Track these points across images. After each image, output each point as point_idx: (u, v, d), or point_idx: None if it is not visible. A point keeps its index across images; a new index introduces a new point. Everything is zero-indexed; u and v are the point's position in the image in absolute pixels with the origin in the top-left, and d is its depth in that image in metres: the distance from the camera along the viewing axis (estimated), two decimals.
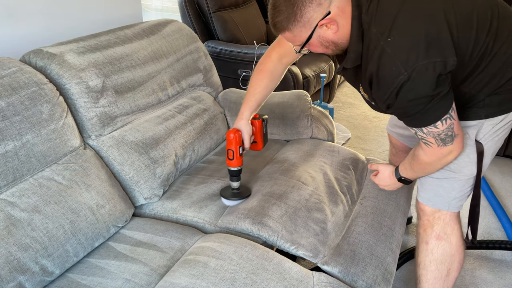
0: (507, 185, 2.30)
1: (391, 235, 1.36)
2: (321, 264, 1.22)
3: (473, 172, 1.18)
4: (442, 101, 0.98)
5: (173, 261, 1.18)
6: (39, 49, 1.35)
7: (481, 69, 1.04)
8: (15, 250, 1.03)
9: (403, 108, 1.01)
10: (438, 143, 1.05)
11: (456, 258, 1.27)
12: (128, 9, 2.00)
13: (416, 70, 0.92)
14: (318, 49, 1.07)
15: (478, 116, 1.12)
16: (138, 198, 1.43)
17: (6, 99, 1.13)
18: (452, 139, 1.04)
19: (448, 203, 1.24)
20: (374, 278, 1.20)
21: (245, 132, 1.38)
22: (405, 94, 0.96)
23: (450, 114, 1.00)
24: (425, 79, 0.93)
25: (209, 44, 2.81)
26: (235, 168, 1.38)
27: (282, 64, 1.38)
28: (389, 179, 1.33)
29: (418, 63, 0.91)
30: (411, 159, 1.19)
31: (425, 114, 0.99)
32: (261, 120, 1.43)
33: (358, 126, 3.02)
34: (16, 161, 1.12)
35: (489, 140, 1.15)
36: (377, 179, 1.38)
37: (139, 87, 1.54)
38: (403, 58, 0.92)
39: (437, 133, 1.03)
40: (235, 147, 1.35)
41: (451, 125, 1.02)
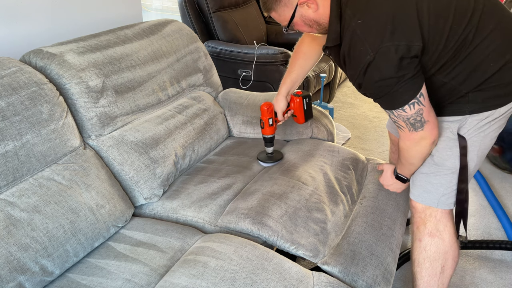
0: (507, 185, 2.30)
1: (391, 235, 1.36)
2: (321, 264, 1.22)
3: (456, 165, 1.19)
4: (408, 85, 1.02)
5: (173, 261, 1.18)
6: (39, 49, 1.35)
7: (459, 60, 1.06)
8: (15, 250, 1.03)
9: (371, 88, 1.06)
10: (408, 127, 1.10)
11: (450, 255, 1.28)
12: (128, 9, 2.00)
13: (380, 51, 0.98)
14: (304, 28, 1.16)
15: (462, 111, 1.14)
16: (138, 198, 1.43)
17: (6, 99, 1.13)
18: (422, 125, 1.08)
19: (437, 200, 1.24)
20: (374, 278, 1.20)
21: (277, 106, 1.57)
22: (371, 74, 1.02)
23: (418, 99, 1.04)
24: (388, 60, 0.98)
25: (209, 44, 2.81)
26: (266, 135, 1.59)
27: (315, 44, 1.45)
28: (391, 178, 1.37)
29: (382, 44, 0.97)
30: (399, 152, 1.24)
31: (392, 96, 1.04)
32: (301, 98, 1.59)
33: (358, 126, 3.02)
34: (16, 161, 1.12)
35: (473, 136, 1.16)
36: (381, 178, 1.42)
37: (139, 87, 1.54)
38: (370, 39, 0.99)
39: (406, 117, 1.07)
40: (265, 117, 1.56)
41: (420, 111, 1.05)
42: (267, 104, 1.55)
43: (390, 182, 1.38)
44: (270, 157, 1.64)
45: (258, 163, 1.64)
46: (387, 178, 1.39)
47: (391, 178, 1.37)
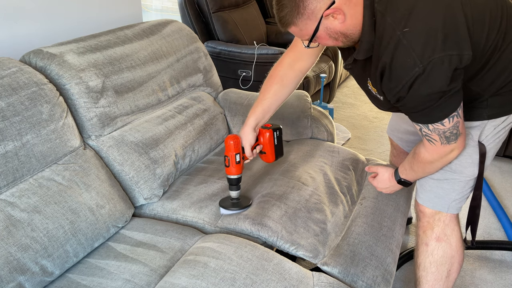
0: (507, 185, 2.30)
1: (391, 235, 1.36)
2: (321, 264, 1.22)
3: (475, 173, 1.17)
4: (452, 98, 0.96)
5: (173, 261, 1.18)
6: (39, 49, 1.35)
7: (489, 66, 1.03)
8: (15, 251, 1.03)
9: (414, 102, 0.98)
10: (442, 141, 1.03)
11: (456, 259, 1.27)
12: (128, 9, 2.00)
13: (431, 63, 0.89)
14: (328, 42, 1.03)
15: (481, 116, 1.11)
16: (138, 199, 1.43)
17: (6, 99, 1.13)
18: (456, 138, 1.03)
19: (448, 205, 1.23)
20: (374, 279, 1.20)
21: (244, 139, 1.32)
22: (418, 87, 0.93)
23: (458, 112, 0.98)
24: (440, 72, 0.90)
25: (209, 44, 2.81)
26: (231, 176, 1.33)
27: (294, 70, 1.32)
28: (389, 181, 1.31)
29: (434, 55, 0.89)
30: (412, 159, 1.17)
31: (434, 110, 0.97)
32: (271, 131, 1.36)
33: (358, 126, 3.02)
34: (16, 162, 1.12)
35: (491, 142, 1.15)
36: (376, 181, 1.35)
37: (139, 88, 1.54)
38: (419, 49, 0.89)
39: (443, 131, 1.01)
40: (231, 153, 1.30)
41: (457, 123, 1.00)
42: (233, 137, 1.30)
43: (387, 185, 1.32)
44: (236, 203, 1.36)
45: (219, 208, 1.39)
46: (383, 181, 1.32)
47: (389, 181, 1.31)
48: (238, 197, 1.37)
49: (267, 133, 1.35)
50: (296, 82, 1.35)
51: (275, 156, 1.40)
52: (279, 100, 1.35)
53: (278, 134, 1.38)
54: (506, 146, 2.45)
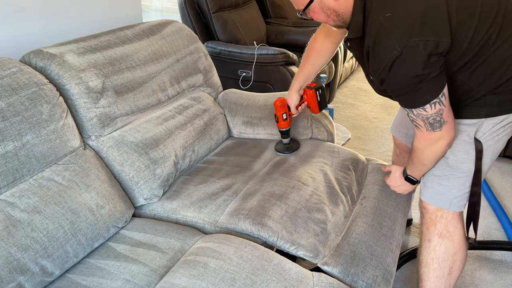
0: (507, 186, 2.30)
1: (391, 235, 1.36)
2: (321, 264, 1.22)
3: (471, 169, 1.19)
4: (432, 84, 1.00)
5: (173, 261, 1.18)
6: (39, 50, 1.35)
7: (481, 61, 1.04)
8: (15, 251, 1.03)
9: (394, 84, 1.03)
10: (426, 127, 1.08)
11: (458, 256, 1.27)
12: (128, 10, 2.00)
13: (407, 46, 0.94)
14: (320, 16, 1.11)
15: (478, 115, 1.13)
16: (138, 199, 1.43)
17: (6, 100, 1.13)
18: (440, 125, 1.07)
19: (449, 202, 1.24)
20: (374, 279, 1.20)
21: (289, 100, 1.61)
22: (396, 69, 0.99)
23: (440, 99, 1.02)
24: (416, 56, 0.95)
25: (209, 45, 2.81)
26: (282, 129, 1.68)
27: (329, 41, 1.46)
28: (400, 179, 1.35)
29: (410, 39, 0.94)
30: (412, 151, 1.22)
31: (414, 94, 1.02)
32: (313, 90, 1.62)
33: (358, 126, 3.02)
34: (16, 162, 1.12)
35: (488, 139, 1.16)
36: (389, 180, 1.41)
37: (139, 88, 1.54)
38: (398, 34, 0.95)
39: (426, 117, 1.05)
40: (279, 112, 1.63)
41: (440, 111, 1.04)
42: (280, 100, 1.62)
43: (398, 183, 1.36)
44: (288, 147, 1.73)
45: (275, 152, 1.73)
46: (395, 179, 1.37)
47: (400, 179, 1.35)
48: (289, 142, 1.74)
49: (310, 92, 1.62)
50: (330, 52, 1.51)
51: (319, 108, 1.66)
52: (317, 68, 1.55)
53: (320, 92, 1.63)
54: (506, 146, 2.45)
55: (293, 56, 2.67)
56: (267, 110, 1.86)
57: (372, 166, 1.70)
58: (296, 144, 1.76)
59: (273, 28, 3.30)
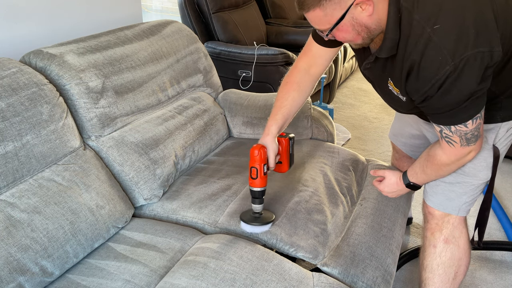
0: (507, 186, 2.30)
1: (391, 236, 1.36)
2: (321, 265, 1.22)
3: (488, 176, 1.17)
4: (479, 99, 0.92)
5: (173, 262, 1.18)
6: (39, 50, 1.35)
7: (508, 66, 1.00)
8: (15, 251, 1.03)
9: (441, 102, 0.93)
10: (462, 142, 1.00)
11: (463, 261, 1.27)
12: (128, 10, 2.00)
13: (463, 60, 0.86)
14: (348, 36, 0.97)
15: (494, 119, 1.09)
16: (138, 199, 1.43)
17: (6, 100, 1.13)
18: (476, 140, 1.00)
19: (458, 208, 1.23)
20: (374, 279, 1.20)
21: (270, 149, 1.23)
22: (448, 86, 0.89)
23: (481, 113, 0.96)
24: (472, 71, 0.87)
25: (209, 45, 2.82)
26: (258, 188, 1.23)
27: (310, 75, 1.27)
28: (397, 185, 1.27)
29: (466, 53, 0.85)
30: (425, 162, 1.14)
31: (460, 111, 0.94)
32: (287, 139, 1.30)
33: (358, 126, 3.02)
34: (16, 162, 1.12)
35: (504, 145, 1.15)
36: (382, 185, 1.32)
37: (139, 88, 1.54)
38: (451, 47, 0.86)
39: (465, 133, 0.98)
40: (259, 165, 1.21)
41: (479, 125, 0.98)
42: (259, 147, 1.21)
43: (395, 189, 1.28)
44: (258, 218, 1.28)
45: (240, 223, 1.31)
46: (390, 185, 1.28)
47: (397, 185, 1.27)
48: (261, 211, 1.28)
49: (284, 141, 1.29)
50: (311, 86, 1.31)
51: (289, 164, 1.34)
52: (297, 106, 1.30)
53: (292, 142, 1.32)
54: None
55: (293, 57, 2.67)
56: (267, 111, 1.87)
57: (372, 167, 1.70)
58: (269, 214, 1.31)
59: (273, 28, 3.30)
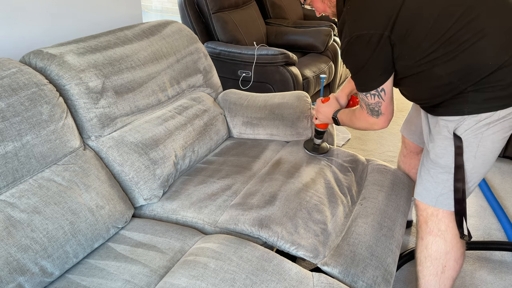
0: (507, 186, 2.30)
1: (391, 235, 1.36)
2: (321, 264, 1.22)
3: (449, 164, 1.20)
4: (370, 77, 1.16)
5: (173, 262, 1.18)
6: (39, 50, 1.35)
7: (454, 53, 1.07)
8: (15, 251, 1.03)
9: (347, 64, 1.20)
10: (367, 110, 1.27)
11: (451, 255, 1.27)
12: (128, 10, 2.00)
13: (354, 37, 1.10)
14: (318, 4, 1.28)
15: (461, 112, 1.15)
16: (138, 199, 1.43)
17: (6, 100, 1.13)
18: (378, 115, 1.25)
19: (435, 199, 1.25)
20: (374, 279, 1.20)
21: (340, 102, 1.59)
22: (346, 53, 1.16)
23: (379, 93, 1.18)
24: (360, 45, 1.11)
25: (209, 45, 2.82)
26: (321, 129, 1.66)
27: None
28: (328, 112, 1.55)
29: (355, 32, 1.09)
30: (353, 109, 1.42)
31: (358, 79, 1.21)
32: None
33: None
34: (16, 162, 1.12)
35: (470, 136, 1.16)
36: (321, 104, 1.58)
37: (139, 88, 1.54)
38: (350, 24, 1.12)
39: (367, 103, 1.24)
40: None
41: (379, 103, 1.21)
42: (327, 99, 1.60)
43: (326, 112, 1.55)
44: (317, 148, 1.70)
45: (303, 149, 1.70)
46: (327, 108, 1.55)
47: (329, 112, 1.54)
48: (320, 144, 1.72)
49: (358, 99, 1.56)
50: None
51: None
52: None
53: None
54: (506, 147, 2.45)
55: (293, 57, 2.67)
56: (267, 111, 1.87)
57: (372, 167, 1.70)
58: (325, 147, 1.72)
59: (273, 29, 3.30)
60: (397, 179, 1.62)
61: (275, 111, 1.86)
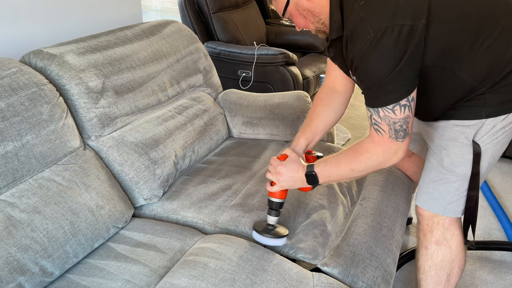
0: (507, 186, 2.30)
1: (391, 236, 1.36)
2: (321, 265, 1.22)
3: (466, 173, 1.15)
4: (403, 81, 0.95)
5: (173, 262, 1.18)
6: (39, 50, 1.35)
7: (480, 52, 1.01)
8: (15, 251, 1.03)
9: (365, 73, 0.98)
10: (390, 133, 0.99)
11: (456, 263, 1.26)
12: (128, 10, 2.00)
13: (381, 31, 0.90)
14: (299, 20, 1.10)
15: (478, 115, 1.09)
16: (138, 199, 1.43)
17: (6, 100, 1.13)
18: (404, 135, 1.00)
19: (444, 207, 1.21)
20: (374, 279, 1.20)
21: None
22: (368, 54, 0.94)
23: (410, 103, 0.97)
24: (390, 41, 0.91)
25: (209, 45, 2.82)
26: (278, 200, 1.20)
27: (335, 91, 1.29)
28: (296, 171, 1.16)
29: (383, 24, 0.90)
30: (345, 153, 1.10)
31: (382, 90, 0.96)
32: (315, 157, 1.25)
33: (357, 126, 3.02)
34: (16, 162, 1.12)
35: (487, 142, 1.12)
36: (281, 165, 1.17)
37: (139, 88, 1.54)
38: (371, 19, 0.92)
39: (393, 121, 0.98)
40: None
41: (408, 117, 0.98)
42: (283, 157, 1.19)
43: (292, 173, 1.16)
44: (272, 230, 1.22)
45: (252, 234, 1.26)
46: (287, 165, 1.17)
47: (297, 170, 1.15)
48: (274, 224, 1.23)
49: (311, 158, 1.26)
50: (340, 102, 1.29)
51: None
52: (325, 121, 1.28)
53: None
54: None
55: (293, 57, 2.67)
56: (267, 111, 1.87)
57: None
58: (283, 229, 1.24)
59: (273, 29, 3.30)
60: (397, 179, 1.62)
61: (275, 111, 1.86)
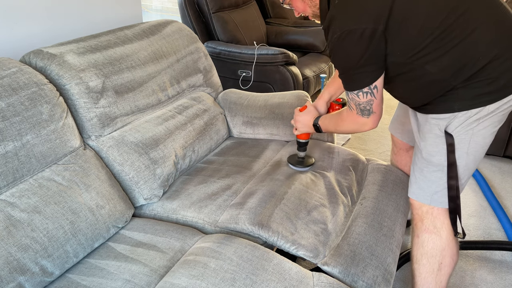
0: (507, 186, 2.30)
1: (391, 235, 1.36)
2: (321, 264, 1.22)
3: (442, 162, 1.20)
4: (364, 73, 1.11)
5: (173, 261, 1.18)
6: (39, 50, 1.35)
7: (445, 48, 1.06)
8: (15, 251, 1.03)
9: (334, 62, 1.17)
10: (357, 111, 1.22)
11: (447, 252, 1.28)
12: (128, 10, 2.00)
13: (345, 32, 1.05)
14: (298, 4, 1.24)
15: (451, 109, 1.14)
16: (138, 199, 1.43)
17: (6, 100, 1.13)
18: (369, 114, 1.21)
19: (430, 197, 1.25)
20: (374, 279, 1.20)
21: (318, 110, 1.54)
22: (337, 49, 1.11)
23: (372, 91, 1.14)
24: (352, 41, 1.06)
25: (209, 45, 2.82)
26: (303, 140, 1.57)
27: None
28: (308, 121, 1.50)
29: (347, 27, 1.05)
30: (336, 114, 1.38)
31: (348, 78, 1.16)
32: (340, 105, 1.56)
33: None
34: (16, 162, 1.12)
35: (461, 133, 1.16)
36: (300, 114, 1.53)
37: (139, 88, 1.54)
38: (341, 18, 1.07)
39: (358, 103, 1.19)
40: None
41: (371, 101, 1.17)
42: (303, 108, 1.53)
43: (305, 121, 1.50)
44: (301, 161, 1.60)
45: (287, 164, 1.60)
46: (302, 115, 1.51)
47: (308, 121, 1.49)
48: (304, 157, 1.61)
49: (337, 106, 1.56)
50: None
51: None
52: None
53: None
54: (506, 146, 2.45)
55: (293, 56, 2.67)
56: (267, 110, 1.86)
57: (372, 166, 1.70)
58: (310, 159, 1.63)
59: (273, 28, 3.30)
60: (397, 178, 1.62)
61: (275, 110, 1.86)
